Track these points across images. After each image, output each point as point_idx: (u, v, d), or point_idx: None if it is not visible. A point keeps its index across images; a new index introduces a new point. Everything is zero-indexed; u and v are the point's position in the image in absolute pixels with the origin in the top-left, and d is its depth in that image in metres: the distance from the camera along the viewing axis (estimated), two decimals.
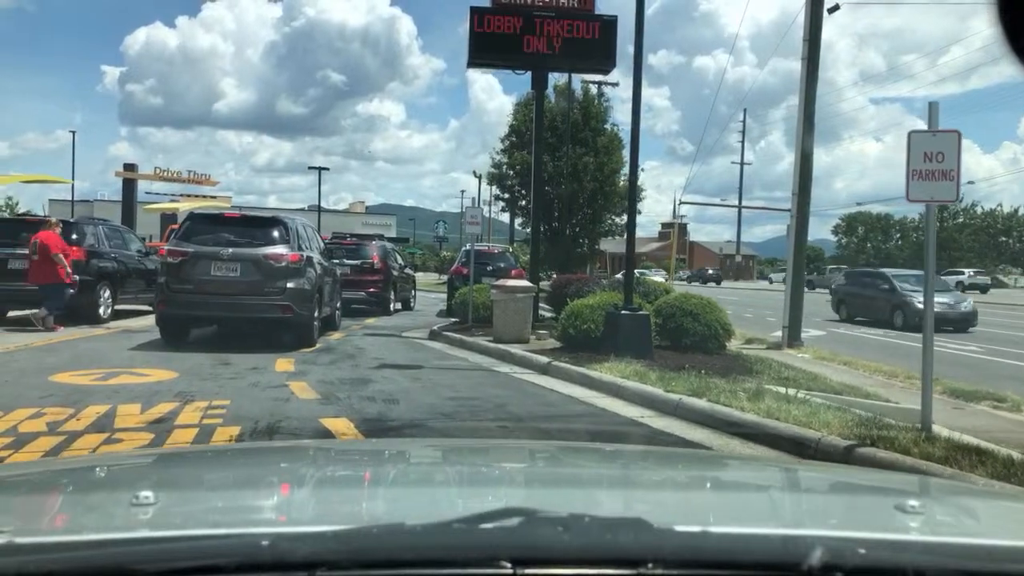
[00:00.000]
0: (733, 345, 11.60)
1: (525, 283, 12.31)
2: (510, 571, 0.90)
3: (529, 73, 13.61)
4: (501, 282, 12.32)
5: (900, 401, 7.97)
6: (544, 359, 9.35)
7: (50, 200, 55.34)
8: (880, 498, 1.66)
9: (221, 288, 10.45)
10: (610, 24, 13.14)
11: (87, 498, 1.47)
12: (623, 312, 9.44)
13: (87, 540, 1.01)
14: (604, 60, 13.38)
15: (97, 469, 1.85)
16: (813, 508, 1.63)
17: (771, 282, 56.05)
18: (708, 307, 10.44)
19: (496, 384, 8.38)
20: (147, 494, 1.20)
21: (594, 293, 11.33)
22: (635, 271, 10.92)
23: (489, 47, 13.02)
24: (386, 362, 9.69)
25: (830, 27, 14.76)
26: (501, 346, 10.90)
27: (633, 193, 10.13)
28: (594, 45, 13.03)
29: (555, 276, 19.32)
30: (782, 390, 7.25)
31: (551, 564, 0.91)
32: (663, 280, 31.71)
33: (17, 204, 58.86)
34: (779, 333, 13.62)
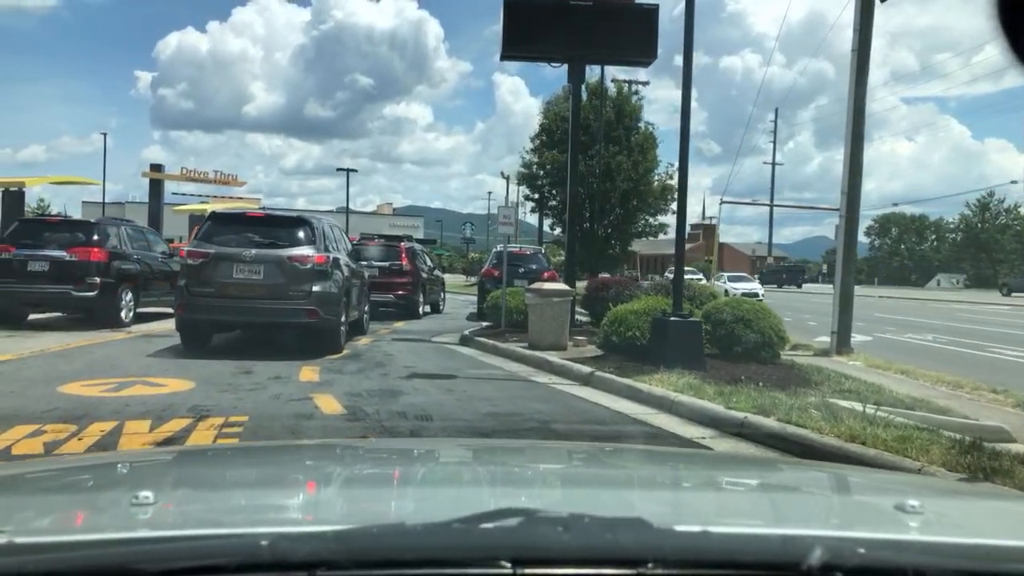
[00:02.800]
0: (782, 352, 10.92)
1: (562, 286, 11.66)
2: (510, 571, 0.89)
3: (565, 66, 13.01)
4: (537, 285, 11.68)
5: (979, 417, 7.25)
6: (586, 369, 8.68)
7: (83, 202, 55.90)
8: (880, 498, 1.65)
9: (243, 291, 9.91)
10: (651, 13, 12.49)
11: (87, 498, 1.46)
12: (672, 318, 8.72)
13: (87, 540, 1.01)
14: (645, 51, 12.70)
15: (97, 469, 1.84)
16: (813, 508, 1.62)
17: (799, 286, 54.58)
18: (762, 313, 9.72)
19: (536, 397, 7.73)
20: (147, 494, 1.19)
21: (638, 298, 10.65)
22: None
23: (524, 39, 12.40)
24: (417, 371, 9.09)
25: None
26: (538, 353, 10.26)
27: (683, 186, 9.38)
28: (635, 35, 12.38)
29: (588, 278, 18.65)
30: (851, 405, 6.56)
31: (551, 564, 0.90)
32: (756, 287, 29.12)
33: (49, 206, 59.22)
34: (825, 338, 12.92)
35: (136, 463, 2.03)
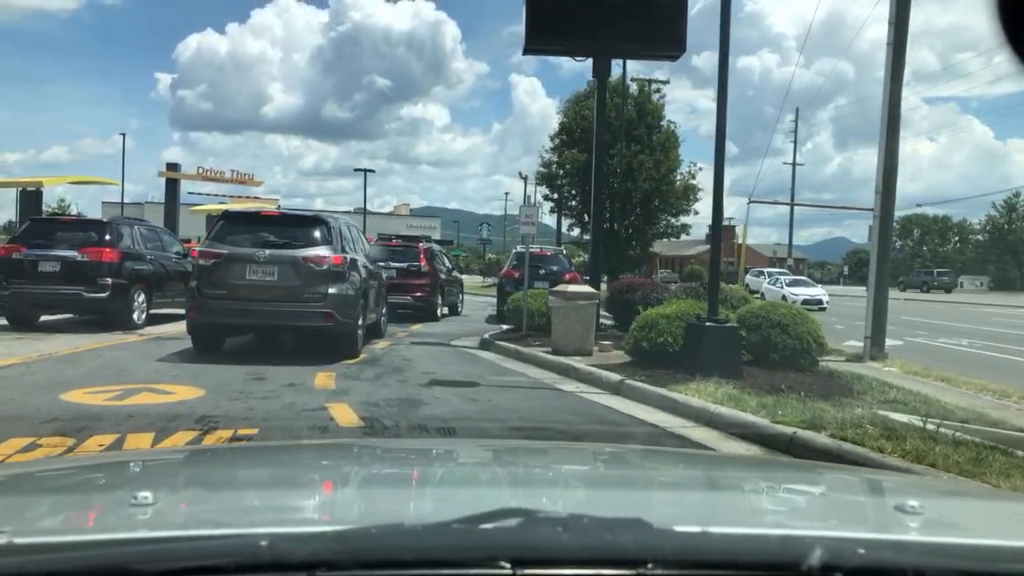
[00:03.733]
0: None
1: (587, 289, 11.20)
2: (509, 571, 0.88)
3: (588, 61, 12.58)
4: (561, 288, 11.24)
5: None
6: (615, 377, 8.22)
7: (103, 202, 56.08)
8: (880, 498, 1.66)
9: (257, 293, 9.51)
10: (679, 5, 12.01)
11: (87, 498, 1.45)
12: (708, 324, 8.25)
13: (87, 540, 1.00)
14: (672, 45, 12.22)
15: (97, 469, 1.83)
16: (813, 508, 1.61)
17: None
18: (799, 318, 9.22)
19: (565, 408, 7.29)
20: (147, 494, 1.19)
21: (669, 301, 10.18)
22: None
23: (548, 31, 11.96)
24: (437, 377, 8.66)
25: (879, 28, 13.63)
26: (562, 359, 9.82)
27: (719, 186, 8.90)
28: (662, 28, 11.92)
29: (608, 280, 18.17)
30: (907, 419, 6.10)
31: (551, 564, 0.90)
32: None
33: (69, 206, 59.35)
34: (854, 342, 12.53)
35: (136, 463, 2.00)
